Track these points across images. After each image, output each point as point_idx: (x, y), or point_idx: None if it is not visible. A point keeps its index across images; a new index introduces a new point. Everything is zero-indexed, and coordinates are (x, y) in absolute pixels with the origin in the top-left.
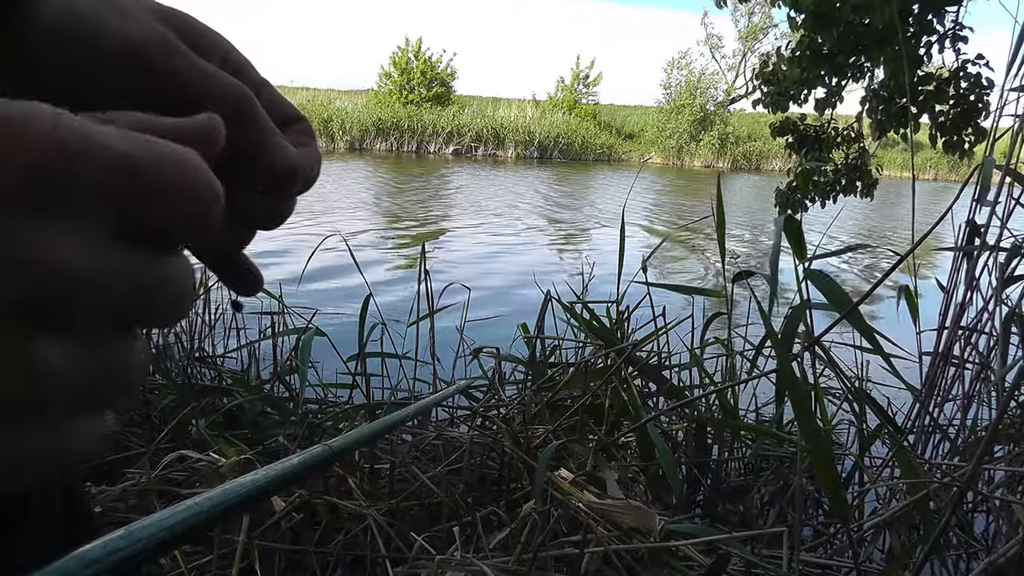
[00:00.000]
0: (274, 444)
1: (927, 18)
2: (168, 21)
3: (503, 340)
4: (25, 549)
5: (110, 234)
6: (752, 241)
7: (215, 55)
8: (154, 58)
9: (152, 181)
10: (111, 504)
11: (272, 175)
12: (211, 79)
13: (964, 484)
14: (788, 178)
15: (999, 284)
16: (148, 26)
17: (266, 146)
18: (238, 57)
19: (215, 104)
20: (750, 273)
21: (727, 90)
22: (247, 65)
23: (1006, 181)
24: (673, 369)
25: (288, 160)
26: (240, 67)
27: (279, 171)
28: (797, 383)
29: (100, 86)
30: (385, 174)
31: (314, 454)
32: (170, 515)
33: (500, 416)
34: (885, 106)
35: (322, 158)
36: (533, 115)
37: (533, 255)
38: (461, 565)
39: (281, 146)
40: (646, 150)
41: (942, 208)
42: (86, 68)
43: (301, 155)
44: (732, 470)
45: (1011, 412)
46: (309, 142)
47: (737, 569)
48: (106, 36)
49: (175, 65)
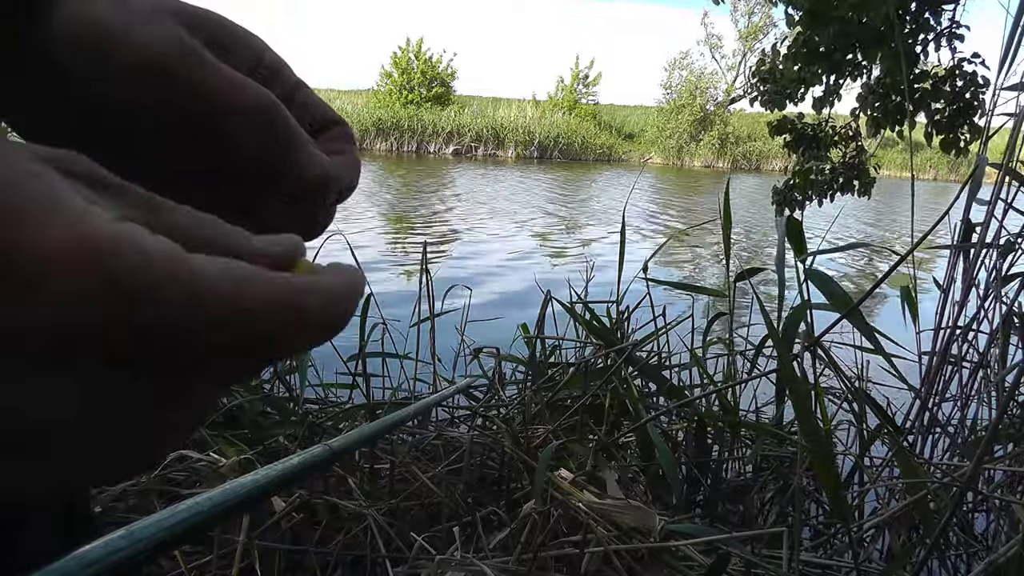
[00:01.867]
0: (274, 444)
1: (923, 16)
2: (195, 25)
3: (503, 340)
4: (25, 549)
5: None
6: (752, 241)
7: (247, 59)
8: (173, 68)
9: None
10: (111, 504)
11: (302, 186)
12: (239, 90)
13: (964, 484)
14: (788, 177)
15: (996, 282)
16: (168, 32)
17: (295, 157)
18: (272, 58)
19: (242, 117)
20: (752, 272)
21: (727, 90)
22: (282, 67)
23: (1005, 180)
24: (673, 369)
25: (319, 170)
26: (274, 70)
27: (309, 182)
28: (797, 381)
29: (113, 97)
30: (385, 174)
31: (314, 454)
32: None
33: (500, 416)
34: (881, 103)
35: (360, 167)
36: (533, 115)
37: (533, 255)
38: (461, 565)
39: (312, 155)
40: (646, 150)
41: (941, 208)
42: (98, 76)
43: (335, 164)
44: (732, 470)
45: (1010, 412)
46: (345, 148)
47: (737, 569)
48: (121, 42)
49: (196, 76)
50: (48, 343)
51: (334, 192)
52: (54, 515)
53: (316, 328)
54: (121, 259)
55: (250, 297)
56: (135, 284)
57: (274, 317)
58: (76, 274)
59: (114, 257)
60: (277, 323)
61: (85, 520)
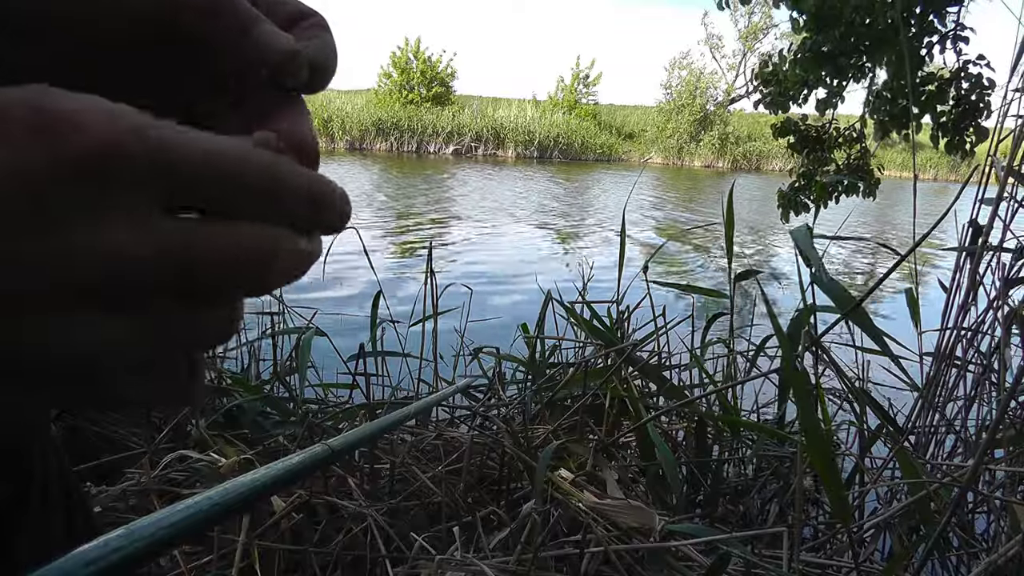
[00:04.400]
0: (274, 444)
1: (928, 18)
2: None
3: (503, 340)
4: (25, 549)
5: (160, 210)
6: (752, 241)
7: None
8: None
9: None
10: (111, 504)
11: (271, 67)
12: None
13: (965, 485)
14: (788, 178)
15: (1002, 285)
16: None
17: (255, 34)
18: None
19: (196, 10)
20: (753, 273)
21: (727, 90)
22: None
23: (1009, 181)
24: (673, 369)
25: (284, 44)
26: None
27: (277, 58)
28: (799, 377)
29: (99, 37)
30: (385, 174)
31: (314, 454)
32: (170, 514)
33: (500, 416)
34: (888, 107)
35: (337, 51)
36: (533, 115)
37: (533, 255)
38: (461, 565)
39: (273, 31)
40: (646, 150)
41: (941, 209)
42: (84, 17)
43: (300, 40)
44: (732, 470)
45: (1011, 412)
46: (319, 34)
47: (737, 569)
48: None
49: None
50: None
51: (304, 70)
52: (54, 515)
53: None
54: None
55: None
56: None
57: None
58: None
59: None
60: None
61: (85, 520)
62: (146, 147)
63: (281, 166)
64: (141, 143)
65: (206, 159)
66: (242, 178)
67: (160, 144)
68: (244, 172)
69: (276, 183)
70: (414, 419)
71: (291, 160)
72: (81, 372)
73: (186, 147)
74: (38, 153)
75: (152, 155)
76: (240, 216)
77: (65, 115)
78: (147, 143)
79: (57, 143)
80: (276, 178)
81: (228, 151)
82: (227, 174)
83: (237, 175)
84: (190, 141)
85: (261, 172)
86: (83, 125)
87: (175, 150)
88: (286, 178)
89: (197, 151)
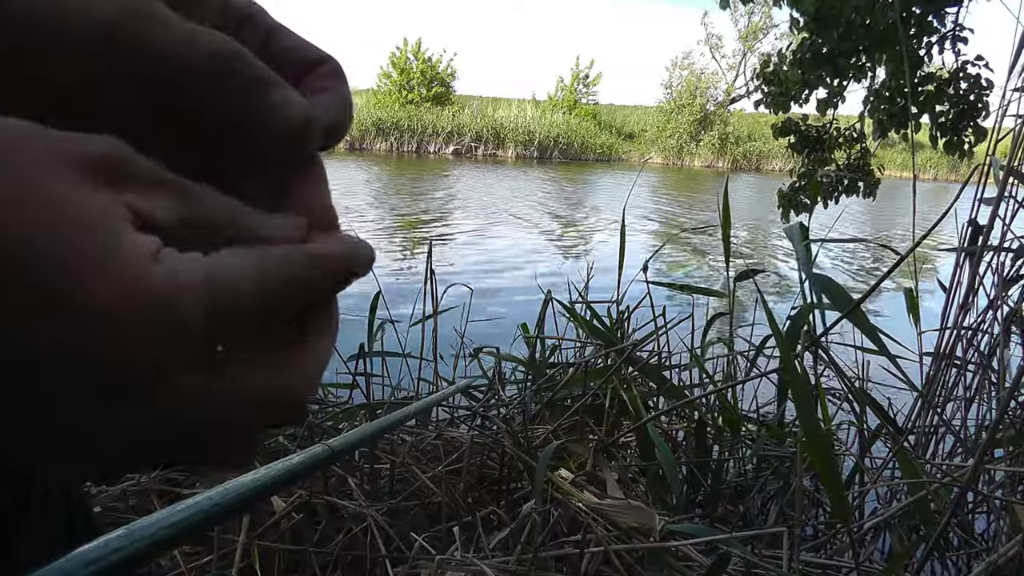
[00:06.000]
0: (274, 444)
1: (927, 19)
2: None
3: (503, 340)
4: (25, 549)
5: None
6: (753, 241)
7: (213, 8)
8: (113, 28)
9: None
10: (111, 504)
11: (284, 137)
12: (186, 43)
13: (965, 485)
14: (788, 178)
15: (1001, 285)
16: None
17: (263, 104)
18: (240, 3)
19: (197, 72)
20: (753, 272)
21: (727, 90)
22: (254, 12)
23: (1009, 181)
24: (673, 369)
25: (296, 113)
26: (243, 17)
27: (286, 128)
28: (799, 377)
29: (56, 72)
30: (385, 174)
31: (314, 454)
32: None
33: (500, 416)
34: (887, 106)
35: (351, 103)
36: (533, 115)
37: (534, 254)
38: (461, 565)
39: (286, 97)
40: (646, 150)
41: (941, 209)
42: (40, 48)
43: (314, 103)
44: (732, 470)
45: (1010, 412)
46: (331, 85)
47: (737, 569)
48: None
49: (140, 34)
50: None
51: (318, 134)
52: (54, 515)
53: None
54: (173, 306)
55: (272, 278)
56: (183, 310)
57: (295, 288)
58: (139, 325)
59: (167, 307)
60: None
61: (85, 520)
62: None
63: (317, 268)
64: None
65: (259, 289)
66: (288, 296)
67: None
68: (291, 289)
69: (318, 282)
70: (414, 419)
71: (326, 239)
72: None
73: (237, 284)
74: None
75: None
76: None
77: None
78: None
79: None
80: (316, 280)
81: (272, 273)
82: (275, 296)
83: (284, 296)
84: (240, 276)
85: (303, 280)
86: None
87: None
88: (325, 275)
89: (249, 287)
